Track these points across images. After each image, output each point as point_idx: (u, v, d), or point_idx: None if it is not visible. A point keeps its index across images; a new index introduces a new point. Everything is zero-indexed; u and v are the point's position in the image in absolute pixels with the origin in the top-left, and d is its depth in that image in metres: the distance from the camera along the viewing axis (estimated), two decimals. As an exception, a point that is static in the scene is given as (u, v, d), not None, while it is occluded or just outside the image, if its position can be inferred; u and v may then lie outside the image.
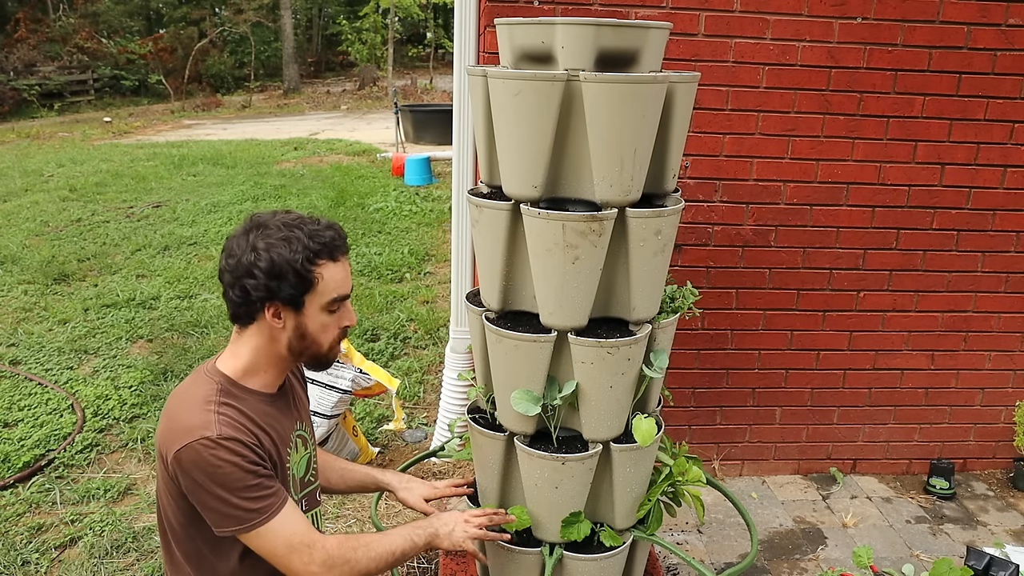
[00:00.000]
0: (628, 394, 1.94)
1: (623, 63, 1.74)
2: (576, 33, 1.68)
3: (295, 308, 1.46)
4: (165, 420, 1.46)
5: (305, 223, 1.46)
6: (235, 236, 1.47)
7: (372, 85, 22.33)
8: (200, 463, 1.37)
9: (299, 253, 1.42)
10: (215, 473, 1.37)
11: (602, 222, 1.74)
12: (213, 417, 1.40)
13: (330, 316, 1.51)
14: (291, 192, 8.82)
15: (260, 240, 1.42)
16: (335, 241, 1.48)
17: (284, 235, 1.42)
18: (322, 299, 1.47)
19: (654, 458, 2.09)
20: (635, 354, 1.88)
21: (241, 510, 1.40)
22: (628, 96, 1.66)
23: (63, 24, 21.92)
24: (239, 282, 1.43)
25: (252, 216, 1.49)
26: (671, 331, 2.05)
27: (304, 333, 1.50)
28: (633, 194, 1.78)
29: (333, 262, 1.47)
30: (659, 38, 1.78)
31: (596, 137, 1.71)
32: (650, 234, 1.81)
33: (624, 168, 1.73)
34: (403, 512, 3.08)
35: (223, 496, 1.39)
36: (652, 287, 1.90)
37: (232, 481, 1.39)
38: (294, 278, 1.42)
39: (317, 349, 1.53)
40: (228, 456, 1.38)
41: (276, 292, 1.43)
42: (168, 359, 4.50)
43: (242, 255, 1.42)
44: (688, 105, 1.83)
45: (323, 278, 1.45)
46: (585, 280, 1.80)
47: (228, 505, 1.40)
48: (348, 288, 1.52)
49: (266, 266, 1.40)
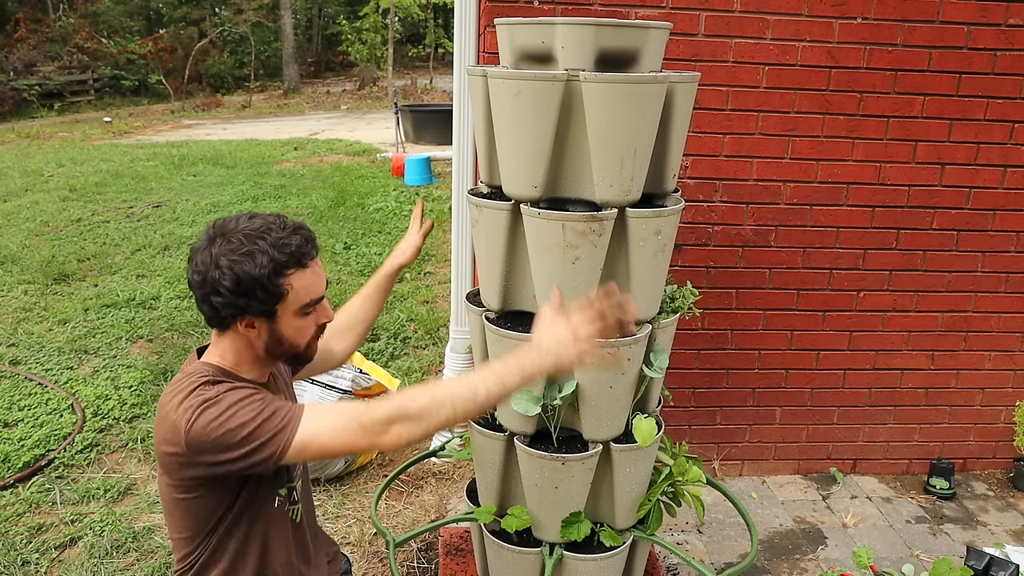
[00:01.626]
0: (628, 394, 1.94)
1: (623, 63, 1.74)
2: (576, 33, 1.68)
3: (267, 318, 1.43)
4: (159, 419, 1.43)
5: (270, 231, 1.39)
6: (199, 248, 1.42)
7: (372, 85, 22.33)
8: (213, 420, 1.33)
9: (264, 267, 1.36)
10: (233, 412, 1.33)
11: (602, 222, 1.74)
12: (200, 387, 1.38)
13: (305, 319, 1.48)
14: (291, 192, 8.82)
15: (223, 256, 1.37)
16: (302, 248, 1.42)
17: (247, 249, 1.37)
18: (294, 306, 1.44)
19: (654, 458, 2.09)
20: (635, 354, 1.88)
21: (276, 419, 1.34)
22: (628, 96, 1.66)
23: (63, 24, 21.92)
24: (207, 299, 1.40)
25: (215, 224, 1.43)
26: (671, 331, 2.05)
27: (280, 339, 1.47)
28: (633, 194, 1.78)
29: (302, 268, 1.42)
30: (659, 38, 1.78)
31: (596, 137, 1.71)
32: (650, 234, 1.81)
33: (624, 168, 1.73)
34: (403, 512, 3.08)
35: (252, 426, 1.33)
36: (652, 287, 1.90)
37: (251, 406, 1.34)
38: (262, 293, 1.38)
39: (295, 349, 1.51)
40: (227, 390, 1.37)
41: (245, 308, 1.39)
42: (168, 359, 4.50)
43: (207, 271, 1.38)
44: (688, 105, 1.84)
45: (293, 287, 1.41)
46: (585, 280, 1.80)
47: (263, 430, 1.33)
48: (321, 290, 1.48)
49: (231, 284, 1.36)
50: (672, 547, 2.10)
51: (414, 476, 3.34)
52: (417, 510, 3.09)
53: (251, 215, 1.44)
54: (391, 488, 3.26)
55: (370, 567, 2.76)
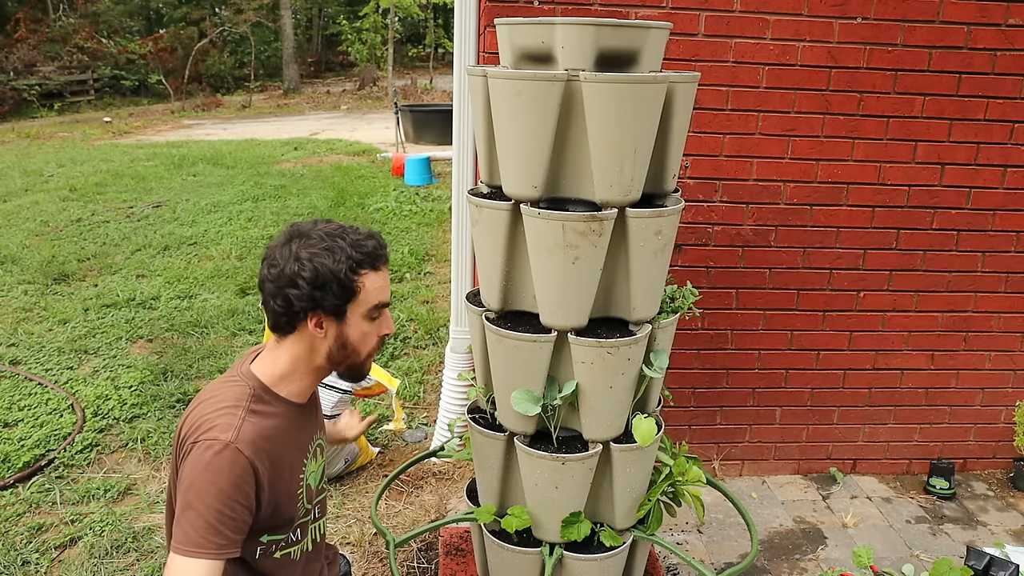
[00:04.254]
0: (628, 394, 1.94)
1: (623, 63, 1.74)
2: (576, 33, 1.68)
3: (338, 317, 1.46)
4: (192, 410, 1.46)
5: (347, 232, 1.46)
6: (276, 246, 1.46)
7: (372, 85, 22.33)
8: (200, 461, 1.36)
9: (343, 263, 1.42)
10: (202, 477, 1.35)
11: (602, 222, 1.74)
12: (237, 422, 1.39)
13: (371, 324, 1.51)
14: (291, 192, 8.82)
15: (303, 250, 1.42)
16: (377, 250, 1.48)
17: (327, 244, 1.42)
18: (364, 307, 1.47)
19: (654, 458, 2.09)
20: (635, 354, 1.88)
21: (185, 525, 1.34)
22: (628, 96, 1.66)
23: (63, 24, 21.92)
24: (282, 292, 1.42)
25: (292, 225, 1.49)
26: (671, 331, 2.05)
27: (345, 342, 1.50)
28: (633, 194, 1.78)
29: (375, 271, 1.47)
30: (659, 38, 1.78)
31: (596, 137, 1.71)
32: (650, 234, 1.81)
33: (624, 168, 1.73)
34: (403, 512, 3.08)
35: (191, 501, 1.35)
36: (652, 287, 1.90)
37: (204, 500, 1.34)
38: (338, 288, 1.42)
39: (356, 358, 1.53)
40: (227, 469, 1.35)
41: (320, 302, 1.42)
42: (168, 359, 4.50)
43: (285, 265, 1.42)
44: (688, 105, 1.83)
45: (365, 287, 1.46)
46: (585, 280, 1.80)
47: (184, 511, 1.35)
48: (388, 297, 1.53)
49: (310, 276, 1.40)
50: (672, 547, 2.10)
51: (414, 476, 3.34)
52: (417, 510, 3.09)
53: (327, 220, 1.51)
54: (391, 488, 3.26)
55: (370, 567, 2.76)
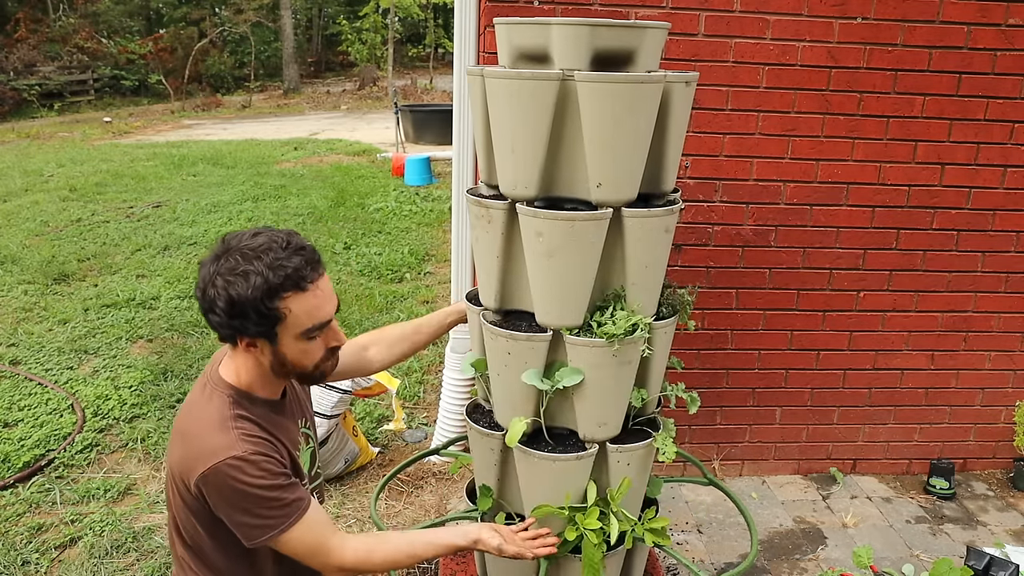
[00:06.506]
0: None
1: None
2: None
3: (269, 340, 1.40)
4: (181, 442, 1.43)
5: (270, 250, 1.34)
6: (205, 262, 1.39)
7: (372, 85, 22.32)
8: (229, 483, 1.36)
9: (258, 290, 1.31)
10: (245, 492, 1.37)
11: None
12: (234, 435, 1.38)
13: (310, 342, 1.43)
14: (291, 192, 8.82)
15: (219, 276, 1.33)
16: (301, 270, 1.35)
17: (243, 269, 1.32)
18: (296, 330, 1.39)
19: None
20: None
21: (270, 519, 1.40)
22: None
23: (63, 24, 21.92)
24: (207, 316, 1.38)
25: (224, 238, 1.40)
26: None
27: (283, 360, 1.43)
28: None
29: (301, 292, 1.36)
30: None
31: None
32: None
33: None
34: (403, 512, 3.08)
35: (253, 510, 1.39)
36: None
37: (260, 498, 1.38)
38: (256, 316, 1.34)
39: (303, 370, 1.47)
40: (255, 472, 1.37)
41: (241, 330, 1.37)
42: (168, 359, 4.50)
43: (206, 287, 1.36)
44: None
45: (291, 311, 1.36)
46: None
47: (257, 517, 1.40)
48: (327, 314, 1.42)
49: (225, 305, 1.33)
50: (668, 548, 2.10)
51: (414, 476, 3.34)
52: (417, 510, 3.10)
53: (257, 231, 1.39)
54: (391, 488, 3.26)
55: (369, 567, 2.76)
